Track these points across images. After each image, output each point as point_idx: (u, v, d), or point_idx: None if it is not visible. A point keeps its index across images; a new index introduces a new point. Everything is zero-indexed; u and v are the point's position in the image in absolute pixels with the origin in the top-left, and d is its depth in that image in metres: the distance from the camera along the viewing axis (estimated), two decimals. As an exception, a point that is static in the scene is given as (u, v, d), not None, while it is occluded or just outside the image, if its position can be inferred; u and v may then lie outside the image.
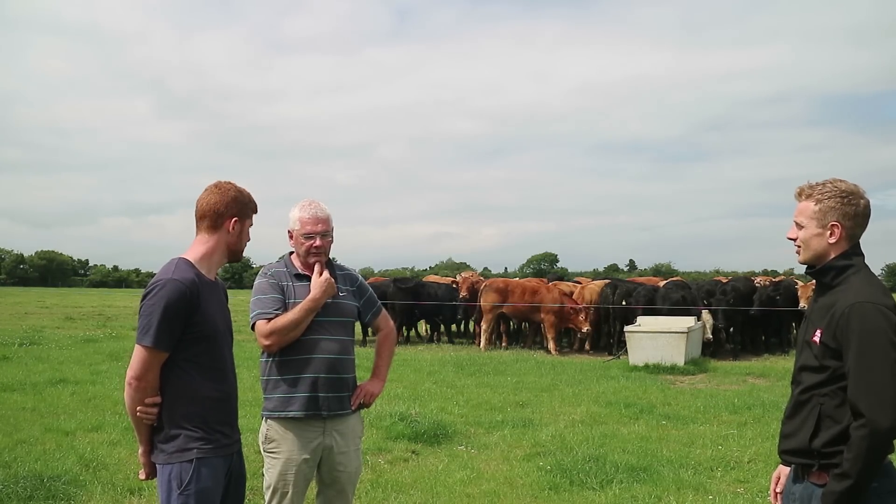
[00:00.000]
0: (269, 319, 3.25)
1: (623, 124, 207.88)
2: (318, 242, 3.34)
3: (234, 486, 2.84)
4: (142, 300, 2.66)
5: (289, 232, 3.40)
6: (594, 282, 17.48)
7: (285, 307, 3.28)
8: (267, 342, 3.25)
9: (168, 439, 2.66)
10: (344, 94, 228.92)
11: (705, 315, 14.12)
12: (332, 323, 3.35)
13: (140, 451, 2.77)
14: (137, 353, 2.63)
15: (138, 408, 2.65)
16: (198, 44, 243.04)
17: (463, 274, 17.62)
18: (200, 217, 2.80)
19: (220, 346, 2.77)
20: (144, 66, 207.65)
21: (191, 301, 2.63)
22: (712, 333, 14.12)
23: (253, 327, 3.30)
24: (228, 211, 2.80)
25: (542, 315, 15.35)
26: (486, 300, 15.50)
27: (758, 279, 15.62)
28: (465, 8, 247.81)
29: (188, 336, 2.65)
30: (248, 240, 2.93)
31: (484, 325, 15.63)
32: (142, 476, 2.79)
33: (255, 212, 2.93)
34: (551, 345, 15.24)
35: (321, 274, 3.29)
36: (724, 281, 16.18)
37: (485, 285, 15.92)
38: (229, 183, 2.88)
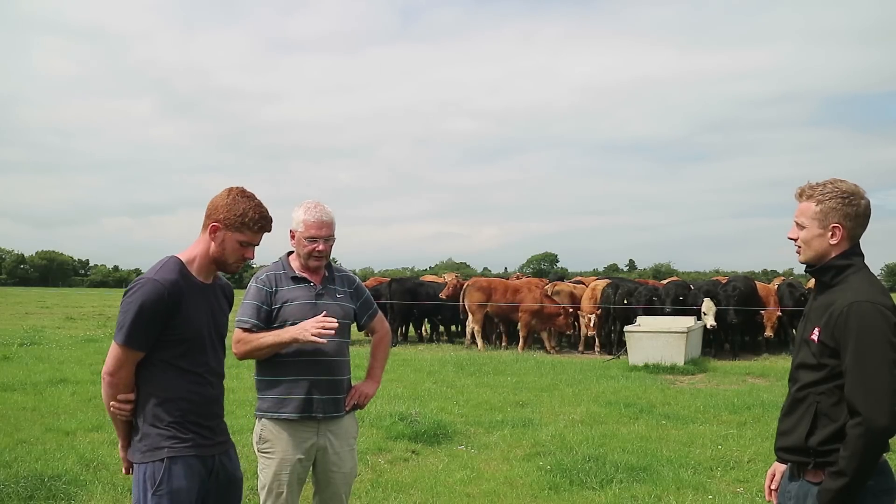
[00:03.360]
0: (244, 329, 3.27)
1: (625, 124, 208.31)
2: (321, 247, 3.33)
3: (223, 488, 2.76)
4: (122, 296, 2.63)
5: (291, 232, 3.39)
6: (599, 281, 17.44)
7: (268, 314, 3.27)
8: (234, 350, 3.29)
9: (141, 438, 2.63)
10: (347, 94, 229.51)
11: (707, 303, 14.00)
12: None
13: (119, 445, 2.75)
14: (112, 349, 2.61)
15: (111, 403, 2.63)
16: (201, 44, 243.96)
17: (446, 276, 17.86)
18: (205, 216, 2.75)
19: (201, 350, 2.69)
20: (148, 67, 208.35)
21: (169, 303, 2.56)
22: (715, 320, 13.97)
23: None
24: (214, 215, 2.68)
25: (519, 314, 15.35)
26: (470, 300, 15.49)
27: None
28: (468, 8, 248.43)
29: (166, 338, 2.60)
30: (241, 256, 2.72)
31: (476, 326, 15.64)
32: (125, 471, 2.76)
33: (253, 230, 2.70)
34: (547, 344, 15.38)
35: (319, 321, 3.12)
36: (724, 280, 16.15)
37: (467, 285, 15.90)
38: (244, 192, 2.71)
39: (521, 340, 15.37)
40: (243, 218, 2.67)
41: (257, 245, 2.77)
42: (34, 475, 5.39)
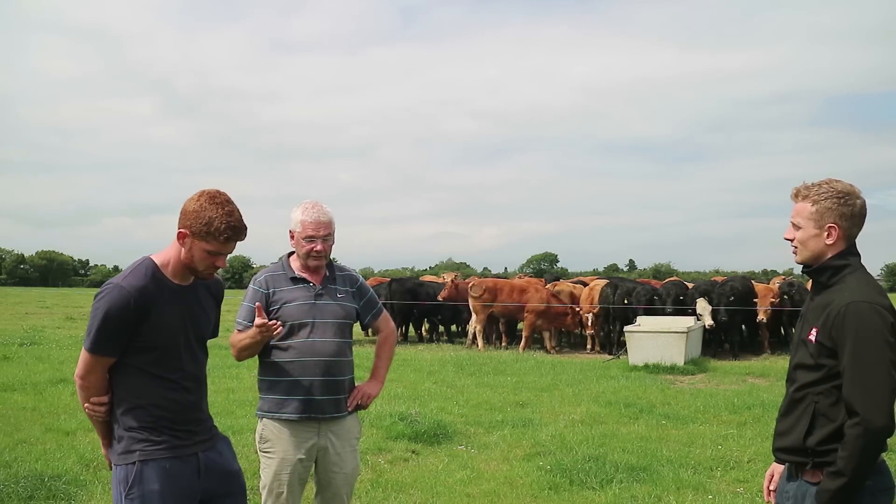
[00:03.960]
0: (239, 331, 3.30)
1: (625, 125, 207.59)
2: (319, 246, 3.34)
3: (221, 481, 2.71)
4: (93, 298, 2.57)
5: (290, 232, 3.40)
6: (599, 281, 17.45)
7: (263, 316, 3.25)
8: (231, 352, 3.35)
9: (118, 440, 2.62)
10: (347, 94, 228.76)
11: (701, 303, 14.03)
12: (329, 325, 3.34)
13: (101, 444, 2.74)
14: (82, 354, 2.58)
15: (85, 405, 2.63)
16: (201, 44, 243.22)
17: (445, 276, 17.86)
18: None
19: (175, 356, 2.61)
20: (148, 67, 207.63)
21: (137, 311, 2.50)
22: (713, 319, 13.98)
23: None
24: (183, 220, 2.55)
25: (525, 314, 15.34)
26: (474, 300, 15.49)
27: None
28: (468, 8, 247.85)
29: (136, 345, 2.55)
30: (211, 264, 2.61)
31: (478, 326, 15.64)
32: (109, 467, 2.75)
33: (219, 240, 2.54)
34: (548, 343, 15.39)
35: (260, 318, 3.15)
36: (722, 280, 16.15)
37: (472, 285, 15.89)
38: (215, 198, 2.55)
39: (522, 340, 15.38)
40: (209, 227, 2.51)
41: (229, 253, 2.62)
42: (34, 475, 5.39)
